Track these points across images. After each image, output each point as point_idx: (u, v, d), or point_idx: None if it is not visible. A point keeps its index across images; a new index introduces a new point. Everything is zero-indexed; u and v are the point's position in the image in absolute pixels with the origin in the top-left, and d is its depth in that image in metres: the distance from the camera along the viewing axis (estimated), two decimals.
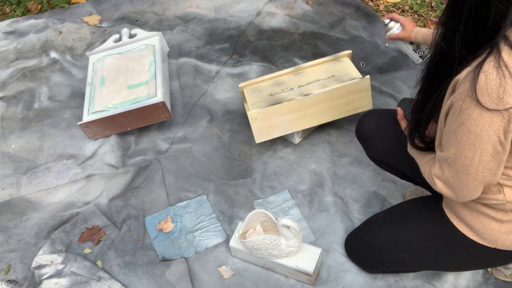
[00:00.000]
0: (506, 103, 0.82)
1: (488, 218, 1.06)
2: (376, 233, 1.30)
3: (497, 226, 1.05)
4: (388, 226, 1.27)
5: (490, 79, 0.82)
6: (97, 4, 2.64)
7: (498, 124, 0.85)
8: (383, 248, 1.28)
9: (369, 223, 1.37)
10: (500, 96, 0.82)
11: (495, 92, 0.82)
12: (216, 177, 1.75)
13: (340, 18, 2.42)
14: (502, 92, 0.82)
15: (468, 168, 0.93)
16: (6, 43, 2.44)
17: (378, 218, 1.34)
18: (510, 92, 0.82)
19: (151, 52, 2.06)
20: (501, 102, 0.82)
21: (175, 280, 1.47)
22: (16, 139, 1.97)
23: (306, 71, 1.82)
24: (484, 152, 0.90)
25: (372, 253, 1.32)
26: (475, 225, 1.09)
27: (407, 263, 1.27)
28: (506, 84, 0.81)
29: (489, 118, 0.85)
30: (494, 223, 1.06)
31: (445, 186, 1.01)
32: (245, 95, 1.79)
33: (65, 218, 1.66)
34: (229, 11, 2.52)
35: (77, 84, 2.20)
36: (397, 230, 1.24)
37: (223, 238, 1.56)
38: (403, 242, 1.23)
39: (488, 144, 0.88)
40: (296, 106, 1.67)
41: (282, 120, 1.70)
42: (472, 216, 1.09)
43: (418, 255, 1.22)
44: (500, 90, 0.82)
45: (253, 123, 1.68)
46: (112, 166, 1.81)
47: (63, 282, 1.48)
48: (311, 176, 1.71)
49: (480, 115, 0.85)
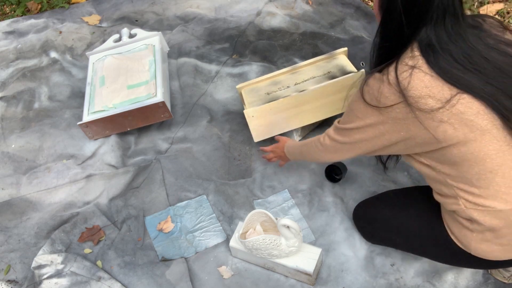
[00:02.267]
0: (382, 103, 1.03)
1: (461, 225, 1.12)
2: (379, 210, 1.41)
3: (469, 234, 1.11)
4: (390, 207, 1.37)
5: (371, 85, 1.05)
6: (97, 4, 2.64)
7: (376, 117, 1.06)
8: (381, 226, 1.39)
9: (379, 198, 1.46)
10: (378, 97, 1.03)
11: (375, 95, 1.04)
12: (216, 177, 1.75)
13: (340, 18, 2.42)
14: (379, 95, 1.03)
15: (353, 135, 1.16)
16: (6, 43, 2.44)
17: (387, 197, 1.44)
18: (385, 95, 1.02)
19: (151, 52, 2.05)
20: (378, 102, 1.04)
21: (175, 280, 1.47)
22: (16, 139, 1.97)
23: (303, 69, 1.82)
24: (365, 131, 1.11)
25: (372, 227, 1.44)
26: (453, 230, 1.16)
27: (399, 244, 1.38)
28: (382, 90, 1.02)
29: (369, 110, 1.07)
30: (466, 230, 1.12)
31: (332, 144, 1.24)
32: (243, 95, 1.79)
33: (65, 218, 1.66)
34: (229, 11, 2.52)
35: (77, 84, 2.19)
36: (396, 213, 1.34)
37: (223, 238, 1.56)
38: (398, 226, 1.33)
39: (368, 128, 1.10)
40: (292, 102, 1.67)
41: (279, 117, 1.70)
42: (451, 220, 1.16)
43: (409, 241, 1.31)
44: (377, 94, 1.03)
45: (250, 121, 1.68)
46: (112, 166, 1.81)
47: (63, 282, 1.48)
48: (311, 176, 1.71)
49: (364, 107, 1.08)
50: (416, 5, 0.97)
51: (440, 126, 0.99)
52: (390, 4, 1.01)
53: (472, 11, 2.34)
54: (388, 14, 1.03)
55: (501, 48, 1.03)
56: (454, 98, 0.97)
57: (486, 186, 1.03)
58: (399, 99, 1.00)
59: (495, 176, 1.02)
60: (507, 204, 1.04)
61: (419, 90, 0.98)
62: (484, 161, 1.01)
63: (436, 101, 0.97)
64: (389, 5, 1.01)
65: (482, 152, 1.00)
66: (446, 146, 1.01)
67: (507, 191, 1.03)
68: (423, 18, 0.98)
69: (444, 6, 0.97)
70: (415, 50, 1.01)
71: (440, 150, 1.04)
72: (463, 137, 0.99)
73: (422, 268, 1.43)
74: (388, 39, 1.05)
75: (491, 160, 1.00)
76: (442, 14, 0.97)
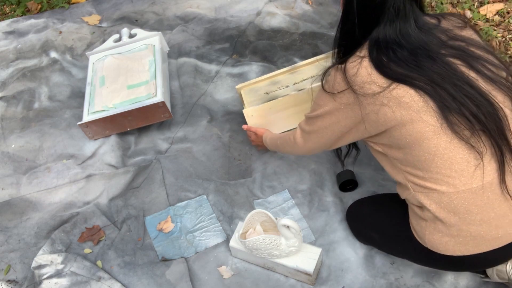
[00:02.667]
0: (335, 89, 1.13)
1: (417, 216, 1.17)
2: (363, 208, 1.47)
3: (423, 224, 1.15)
4: (371, 206, 1.44)
5: (330, 74, 1.16)
6: (97, 4, 2.64)
7: (332, 104, 1.16)
8: (363, 222, 1.45)
9: (372, 198, 1.51)
10: (333, 84, 1.14)
11: (331, 82, 1.15)
12: (216, 177, 1.75)
13: (340, 18, 2.42)
14: (334, 82, 1.13)
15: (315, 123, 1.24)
16: (6, 43, 2.44)
17: (374, 197, 1.51)
18: (338, 82, 1.12)
19: (151, 52, 2.05)
20: (333, 88, 1.14)
21: (175, 280, 1.47)
22: (16, 139, 1.97)
23: (302, 69, 1.82)
24: (325, 118, 1.20)
25: (356, 224, 1.49)
26: (412, 222, 1.20)
27: (377, 243, 1.41)
28: (336, 77, 1.12)
29: (327, 98, 1.17)
30: (421, 220, 1.16)
31: (301, 135, 1.33)
32: (242, 95, 1.79)
33: (65, 218, 1.66)
34: (229, 11, 2.52)
35: (77, 84, 2.20)
36: (375, 210, 1.41)
37: (223, 238, 1.56)
38: (375, 223, 1.38)
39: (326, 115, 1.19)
40: (291, 101, 1.68)
41: (278, 116, 1.70)
42: (411, 213, 1.21)
43: (384, 238, 1.36)
44: (333, 81, 1.14)
45: (250, 120, 1.68)
46: (112, 166, 1.81)
47: (63, 282, 1.48)
48: (311, 176, 1.71)
49: (323, 95, 1.18)
50: (369, 9, 1.07)
51: (381, 109, 1.07)
52: (347, 6, 1.12)
53: (472, 11, 2.34)
54: (346, 14, 1.14)
55: (453, 45, 1.09)
56: (392, 84, 1.05)
57: (427, 167, 1.08)
58: (347, 85, 1.10)
59: (434, 158, 1.06)
60: (449, 187, 1.07)
61: (365, 76, 1.07)
62: (422, 142, 1.06)
63: (378, 87, 1.06)
64: (346, 7, 1.12)
65: (419, 134, 1.05)
66: (388, 128, 1.09)
67: (448, 173, 1.06)
68: (376, 20, 1.07)
69: (395, 10, 1.06)
70: (365, 45, 1.11)
71: (385, 134, 1.11)
72: (401, 119, 1.06)
73: (422, 267, 1.43)
74: (345, 36, 1.16)
75: (428, 141, 1.05)
76: (392, 18, 1.06)
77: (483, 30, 2.21)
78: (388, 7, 1.05)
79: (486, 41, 2.17)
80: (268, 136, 1.59)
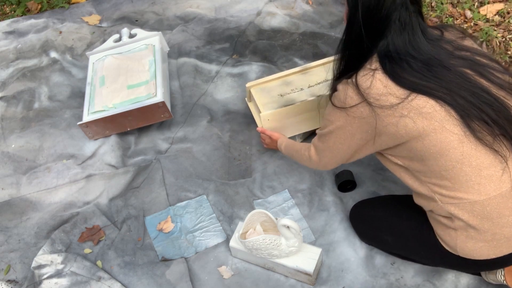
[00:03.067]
0: (347, 104, 1.12)
1: (444, 226, 1.15)
2: (375, 209, 1.44)
3: (453, 233, 1.13)
4: (386, 208, 1.41)
5: (339, 89, 1.14)
6: (97, 4, 2.63)
7: (344, 119, 1.14)
8: (375, 224, 1.42)
9: (377, 199, 1.50)
10: (344, 99, 1.12)
11: (341, 97, 1.13)
12: (216, 177, 1.75)
13: (340, 18, 2.42)
14: (345, 96, 1.11)
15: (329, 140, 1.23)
16: (6, 43, 2.44)
17: (385, 199, 1.49)
18: (350, 96, 1.10)
19: (151, 52, 2.05)
20: (344, 103, 1.12)
21: (175, 280, 1.47)
22: (16, 139, 1.97)
23: (314, 70, 1.81)
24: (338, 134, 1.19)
25: (366, 226, 1.46)
26: (439, 232, 1.18)
27: (390, 245, 1.40)
28: (347, 91, 1.11)
29: (338, 113, 1.15)
30: (450, 230, 1.14)
31: (316, 152, 1.32)
32: (253, 95, 1.77)
33: (65, 218, 1.66)
34: (229, 11, 2.52)
35: (77, 84, 2.20)
36: (390, 214, 1.37)
37: (223, 238, 1.56)
38: (390, 226, 1.36)
39: (339, 130, 1.18)
40: (308, 106, 1.68)
41: (293, 120, 1.70)
42: (435, 223, 1.18)
43: (400, 241, 1.34)
44: (344, 95, 1.12)
45: (265, 124, 1.67)
46: (112, 166, 1.81)
47: (63, 282, 1.48)
48: (311, 176, 1.71)
49: (334, 110, 1.17)
50: (375, 20, 1.06)
51: (401, 121, 1.06)
52: (352, 17, 1.09)
53: (472, 11, 2.34)
54: (350, 26, 1.11)
55: (460, 55, 1.10)
56: (411, 95, 1.04)
57: (456, 176, 1.07)
58: (361, 98, 1.08)
59: (462, 166, 1.05)
60: (481, 194, 1.06)
61: (380, 88, 1.06)
62: (447, 151, 1.05)
63: (396, 98, 1.05)
64: (351, 18, 1.10)
65: (444, 143, 1.05)
66: (409, 140, 1.08)
67: (478, 181, 1.06)
68: (382, 32, 1.07)
69: (401, 22, 1.05)
70: (374, 58, 1.10)
71: (405, 146, 1.10)
72: (423, 130, 1.05)
73: (422, 267, 1.43)
74: (350, 49, 1.14)
75: (454, 150, 1.05)
76: (399, 30, 1.06)
77: (483, 30, 2.21)
78: (394, 20, 1.05)
79: (486, 41, 2.17)
80: (283, 143, 1.57)
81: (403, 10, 1.05)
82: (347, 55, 1.16)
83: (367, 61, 1.11)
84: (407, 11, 1.05)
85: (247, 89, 1.80)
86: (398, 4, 1.04)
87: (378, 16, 1.05)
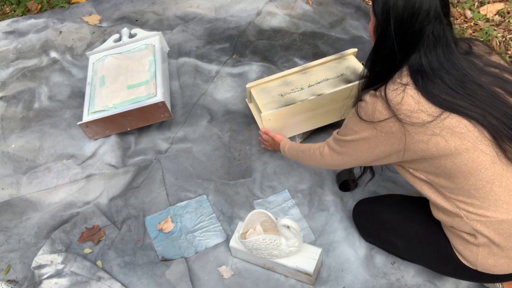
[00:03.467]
0: (376, 118, 1.09)
1: (466, 241, 1.13)
2: (384, 209, 1.40)
3: (475, 249, 1.12)
4: (397, 210, 1.37)
5: (366, 101, 1.11)
6: (97, 4, 2.63)
7: (370, 131, 1.11)
8: (384, 226, 1.38)
9: (385, 198, 1.48)
10: (372, 113, 1.09)
11: (369, 110, 1.10)
12: (216, 177, 1.75)
13: (340, 18, 2.42)
14: (373, 110, 1.08)
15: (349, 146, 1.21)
16: (6, 43, 2.44)
17: (395, 199, 1.45)
18: (379, 110, 1.07)
19: (151, 52, 2.05)
20: (372, 117, 1.09)
21: (175, 280, 1.47)
22: (16, 139, 1.97)
23: (313, 70, 1.81)
24: (360, 144, 1.16)
25: (374, 225, 1.43)
26: (458, 247, 1.16)
27: (398, 249, 1.37)
28: (377, 105, 1.08)
29: (365, 125, 1.12)
30: (471, 246, 1.12)
31: (330, 153, 1.29)
32: (254, 95, 1.77)
33: (65, 218, 1.66)
34: (229, 11, 2.52)
35: (77, 84, 2.19)
36: (402, 216, 1.33)
37: (223, 238, 1.56)
38: (402, 230, 1.33)
39: (363, 141, 1.15)
40: (309, 106, 1.68)
41: (294, 120, 1.70)
42: (455, 238, 1.16)
43: (410, 246, 1.31)
44: (372, 109, 1.09)
45: (266, 124, 1.67)
46: (112, 166, 1.81)
47: (63, 282, 1.48)
48: (311, 176, 1.71)
49: (359, 122, 1.13)
50: (408, 34, 1.03)
51: (432, 139, 1.04)
52: (383, 31, 1.06)
53: (472, 10, 2.34)
54: (381, 40, 1.08)
55: (490, 71, 1.08)
56: (444, 113, 1.02)
57: (485, 195, 1.05)
58: (391, 113, 1.05)
59: (492, 186, 1.04)
60: (509, 213, 1.05)
61: (412, 105, 1.03)
62: (478, 171, 1.04)
63: (428, 115, 1.03)
64: (382, 32, 1.07)
65: (475, 163, 1.03)
66: (439, 157, 1.06)
67: (507, 200, 1.05)
68: (414, 46, 1.04)
69: (435, 36, 1.03)
70: (405, 72, 1.07)
71: (434, 163, 1.07)
72: (455, 149, 1.03)
73: (423, 267, 1.43)
74: (380, 63, 1.11)
75: (485, 170, 1.04)
76: (433, 44, 1.04)
77: (483, 30, 2.21)
78: (428, 34, 1.03)
79: (486, 40, 2.17)
80: (286, 145, 1.56)
81: (436, 23, 1.02)
82: (376, 70, 1.13)
83: (396, 73, 1.09)
84: (440, 24, 1.03)
85: (248, 89, 1.80)
86: (432, 17, 1.02)
87: (411, 30, 1.03)
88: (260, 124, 1.80)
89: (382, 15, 1.06)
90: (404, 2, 1.02)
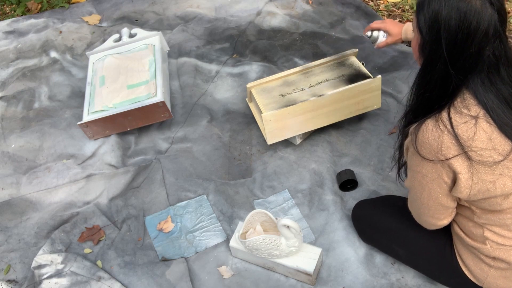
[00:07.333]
0: (442, 154, 0.95)
1: (479, 259, 1.10)
2: (386, 217, 1.34)
3: (487, 269, 1.09)
4: (399, 219, 1.30)
5: (428, 135, 0.96)
6: (97, 3, 2.63)
7: (440, 170, 0.98)
8: (386, 234, 1.34)
9: (386, 202, 1.41)
10: (438, 148, 0.95)
11: (434, 145, 0.95)
12: (216, 177, 1.75)
13: (340, 18, 2.42)
14: (440, 145, 0.94)
15: (420, 200, 1.08)
16: (6, 42, 2.44)
17: (397, 204, 1.35)
18: (447, 145, 0.93)
19: (151, 51, 2.05)
20: (438, 153, 0.95)
21: (175, 280, 1.47)
22: (16, 139, 1.97)
23: (314, 70, 1.81)
24: (432, 190, 1.03)
25: (374, 232, 1.39)
26: (468, 262, 1.13)
27: (400, 257, 1.35)
28: (443, 139, 0.94)
29: (430, 166, 0.99)
30: (484, 265, 1.10)
31: (411, 208, 1.16)
32: (254, 95, 1.77)
33: (65, 218, 1.66)
34: (229, 10, 2.52)
35: (77, 84, 2.19)
36: (406, 226, 1.27)
37: (223, 238, 1.56)
38: (405, 240, 1.28)
39: (434, 184, 1.02)
40: (310, 106, 1.67)
41: (295, 121, 1.69)
42: (467, 253, 1.13)
43: (413, 257, 1.28)
44: (437, 144, 0.94)
45: (267, 124, 1.67)
46: (112, 166, 1.81)
47: (63, 282, 1.48)
48: (311, 176, 1.71)
49: (422, 162, 1.00)
50: (463, 55, 0.90)
51: (500, 179, 0.95)
52: (432, 53, 0.93)
53: None
54: (430, 62, 0.95)
55: None
56: None
57: None
58: (460, 150, 0.93)
59: None
60: None
61: (485, 142, 0.92)
62: None
63: (498, 154, 0.93)
64: (432, 53, 0.94)
65: None
66: (498, 197, 0.98)
67: None
68: (472, 68, 0.92)
69: (496, 56, 0.91)
70: (470, 100, 0.94)
71: (490, 200, 0.99)
72: None
73: None
74: (431, 88, 0.97)
75: None
76: (495, 64, 0.92)
77: None
78: (488, 54, 0.90)
79: None
80: None
81: (497, 42, 0.90)
82: (425, 96, 0.98)
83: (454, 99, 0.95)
84: (501, 43, 0.91)
85: (248, 89, 1.80)
86: (491, 37, 0.89)
87: (467, 52, 0.89)
88: (260, 124, 1.80)
89: (430, 35, 0.93)
90: (458, 21, 0.88)
